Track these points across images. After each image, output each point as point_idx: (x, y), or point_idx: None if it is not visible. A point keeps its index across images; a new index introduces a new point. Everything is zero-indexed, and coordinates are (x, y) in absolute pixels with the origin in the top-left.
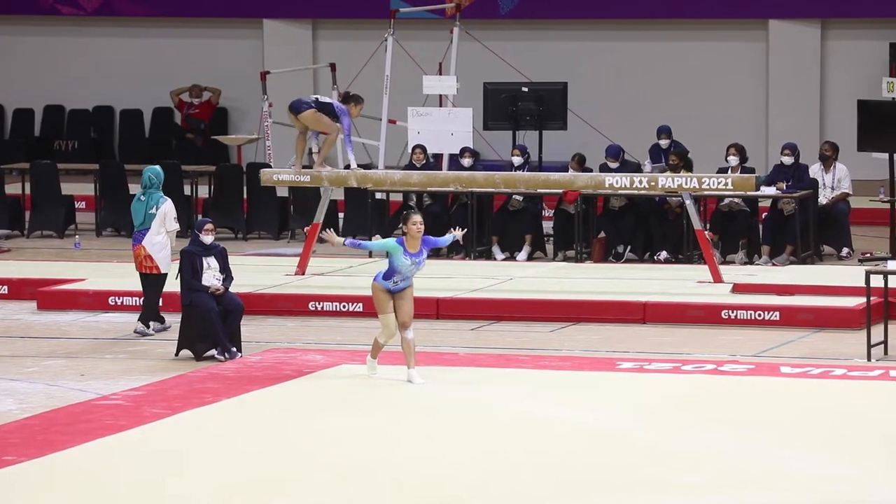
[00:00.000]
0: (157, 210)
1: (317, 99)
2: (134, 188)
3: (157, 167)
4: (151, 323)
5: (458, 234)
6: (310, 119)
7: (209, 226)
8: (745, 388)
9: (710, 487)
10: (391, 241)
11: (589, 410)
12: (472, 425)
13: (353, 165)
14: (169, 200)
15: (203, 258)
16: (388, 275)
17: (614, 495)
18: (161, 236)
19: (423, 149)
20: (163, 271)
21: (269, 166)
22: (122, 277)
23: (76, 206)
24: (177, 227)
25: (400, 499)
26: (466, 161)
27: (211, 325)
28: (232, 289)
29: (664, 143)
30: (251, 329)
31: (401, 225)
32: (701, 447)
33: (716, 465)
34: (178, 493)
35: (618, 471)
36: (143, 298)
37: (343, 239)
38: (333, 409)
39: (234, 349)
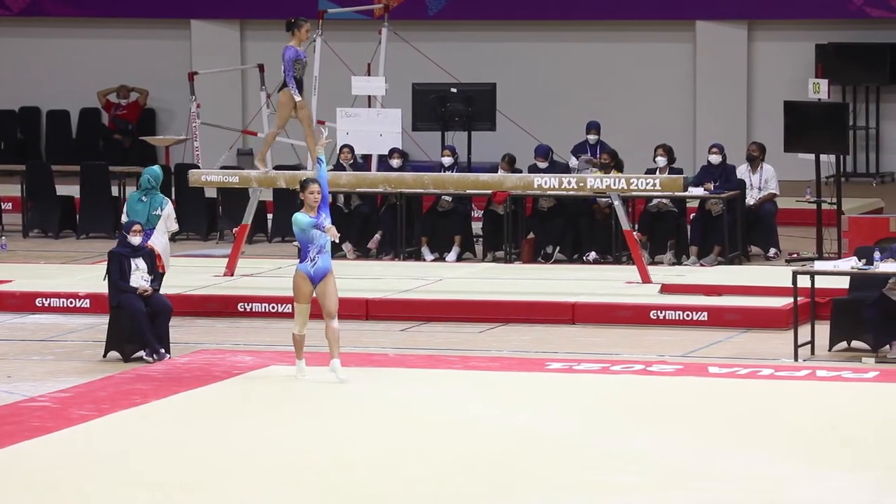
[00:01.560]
0: (160, 211)
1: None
2: (61, 189)
3: (156, 168)
4: None
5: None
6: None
7: (137, 227)
8: (673, 389)
9: (642, 487)
10: (297, 217)
11: (519, 411)
12: (403, 426)
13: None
14: (170, 202)
15: (131, 259)
16: (303, 255)
17: (546, 496)
18: (165, 237)
19: (351, 148)
20: (166, 269)
21: (198, 167)
22: (50, 279)
23: (2, 207)
24: (177, 227)
25: (330, 500)
26: (395, 162)
27: (139, 326)
28: (160, 290)
29: (592, 138)
30: (180, 330)
31: (299, 193)
32: (631, 447)
33: (646, 465)
34: (106, 495)
35: (549, 471)
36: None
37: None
38: (262, 410)
39: (163, 350)
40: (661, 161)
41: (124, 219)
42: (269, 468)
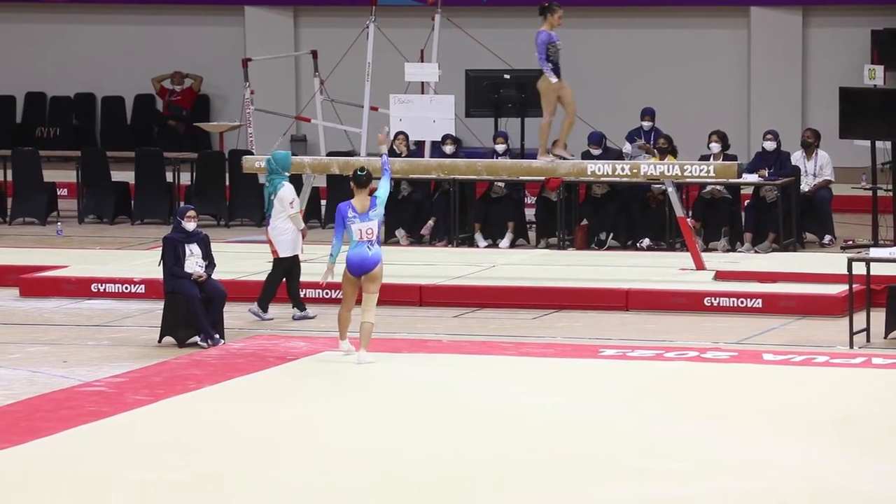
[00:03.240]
0: (275, 196)
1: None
2: (116, 175)
3: (280, 152)
4: (293, 310)
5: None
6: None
7: (191, 213)
8: (727, 376)
9: (694, 475)
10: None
11: (572, 398)
12: (456, 413)
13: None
14: (287, 185)
15: (185, 245)
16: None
17: (598, 483)
18: (281, 221)
19: (406, 136)
20: (280, 255)
21: (251, 153)
22: (105, 264)
23: (58, 193)
24: (294, 210)
25: (383, 487)
26: (448, 148)
27: (194, 311)
28: (214, 275)
29: (647, 125)
30: (234, 316)
31: (352, 185)
32: (684, 435)
33: (699, 452)
34: (160, 479)
35: (601, 459)
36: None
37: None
38: (316, 395)
39: (217, 336)
40: (716, 147)
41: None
42: (321, 454)
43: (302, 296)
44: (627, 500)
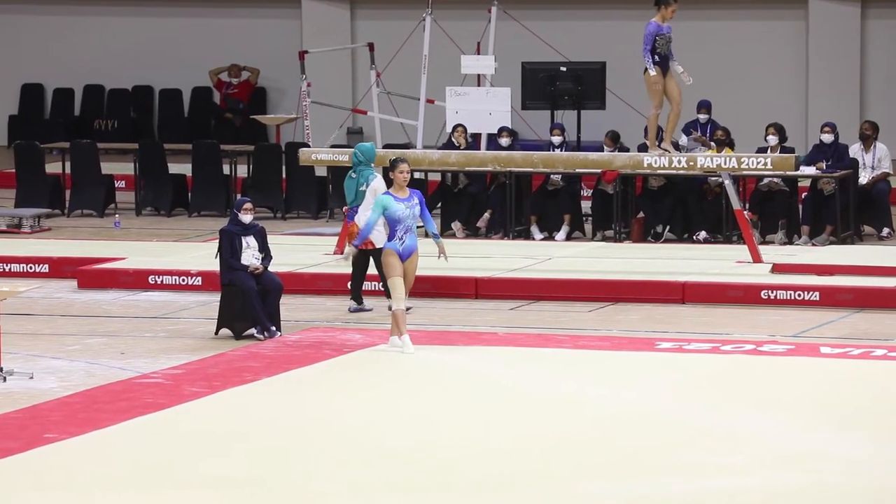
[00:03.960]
0: (367, 187)
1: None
2: (173, 167)
3: (367, 144)
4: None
5: (442, 247)
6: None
7: (248, 205)
8: (784, 369)
9: (748, 468)
10: (379, 197)
11: (627, 391)
12: (510, 406)
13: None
14: (379, 177)
15: (242, 237)
16: (391, 234)
17: (652, 477)
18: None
19: (464, 129)
20: (377, 246)
21: (308, 146)
22: (162, 257)
23: (116, 185)
24: None
25: (437, 480)
26: (504, 141)
27: (250, 304)
28: (271, 268)
29: (703, 117)
30: (290, 308)
31: (389, 173)
32: (739, 428)
33: (754, 446)
34: (217, 471)
35: (655, 452)
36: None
37: (350, 248)
38: (372, 388)
39: (274, 328)
40: (773, 140)
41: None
42: (377, 446)
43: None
44: (684, 493)
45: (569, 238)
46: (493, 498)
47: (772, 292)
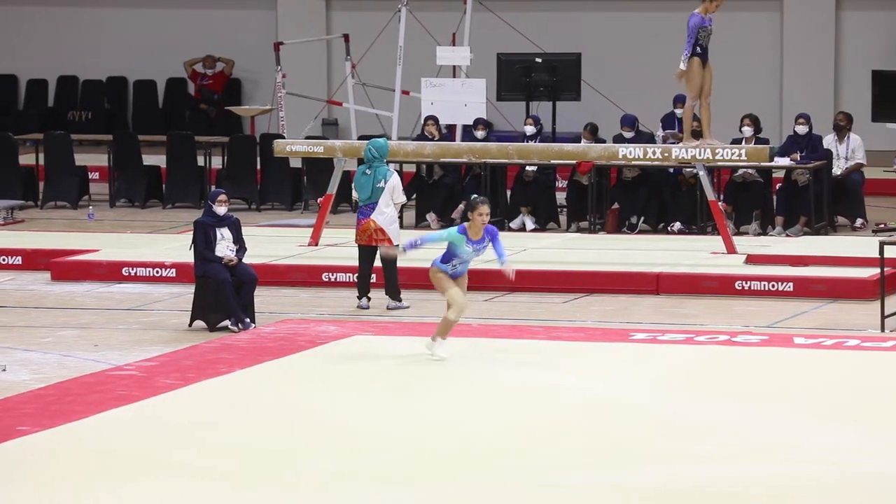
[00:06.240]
0: (384, 184)
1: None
2: (148, 159)
3: (381, 140)
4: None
5: (508, 272)
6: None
7: (222, 196)
8: (758, 359)
9: (722, 459)
10: (453, 230)
11: (602, 381)
12: (486, 397)
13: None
14: (396, 174)
15: (216, 229)
16: (446, 258)
17: (626, 466)
18: (390, 209)
19: (436, 120)
20: (394, 243)
21: (283, 137)
22: (136, 248)
23: (90, 176)
24: (404, 199)
25: (412, 471)
26: (480, 133)
27: (224, 295)
28: (245, 259)
29: (679, 111)
30: (264, 300)
31: (467, 212)
32: (713, 418)
33: (728, 436)
34: (191, 463)
35: (630, 442)
36: (384, 274)
37: (401, 246)
38: (346, 380)
39: (248, 320)
40: (748, 131)
41: (354, 195)
42: (351, 438)
43: (331, 279)
44: (657, 483)
45: (544, 229)
46: (469, 487)
47: (746, 283)
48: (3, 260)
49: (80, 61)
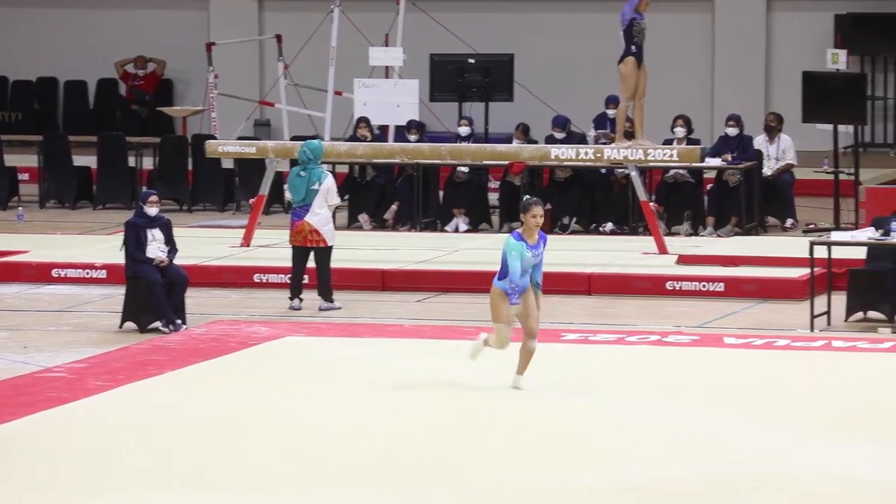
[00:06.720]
0: (319, 185)
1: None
2: (78, 159)
3: (315, 142)
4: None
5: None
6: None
7: (154, 197)
8: (689, 359)
9: (656, 459)
10: (512, 241)
11: (534, 382)
12: (417, 397)
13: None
14: (331, 175)
15: (147, 230)
16: (503, 274)
17: (562, 467)
18: (324, 210)
19: (368, 122)
20: (329, 244)
21: (215, 138)
22: (66, 249)
23: (19, 177)
24: (338, 201)
25: (343, 471)
26: (413, 137)
27: (155, 296)
28: (177, 260)
29: (611, 112)
30: (196, 301)
31: (521, 214)
32: (646, 418)
33: (661, 436)
34: (122, 465)
35: (563, 443)
36: (317, 275)
37: (511, 306)
38: (278, 381)
39: (179, 321)
40: (680, 132)
41: (287, 196)
42: (283, 438)
43: (263, 280)
44: (591, 484)
45: (476, 230)
46: (402, 487)
47: (677, 283)
48: None
49: (10, 62)
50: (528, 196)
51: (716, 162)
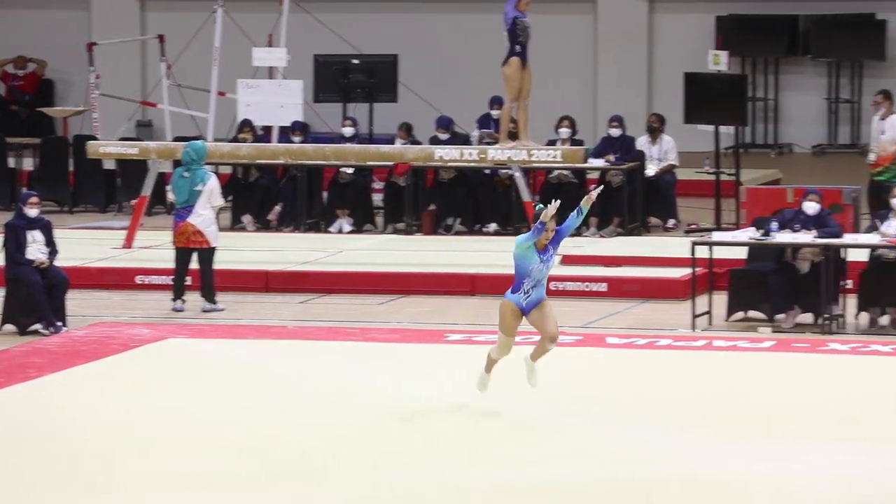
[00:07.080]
0: (202, 186)
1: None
2: None
3: (199, 142)
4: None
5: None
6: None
7: (34, 199)
8: (571, 359)
9: (541, 459)
10: (523, 241)
11: (419, 382)
12: (301, 399)
13: None
14: (214, 176)
15: (27, 231)
16: (516, 287)
17: (442, 467)
18: (207, 211)
19: (251, 125)
20: (212, 245)
21: (96, 138)
22: None
23: None
24: (222, 202)
25: (225, 472)
26: (297, 138)
27: (35, 298)
28: (57, 262)
29: (496, 113)
30: (77, 303)
31: (540, 220)
32: (526, 418)
33: (546, 436)
34: (5, 469)
35: (447, 442)
36: (200, 276)
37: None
38: (160, 383)
39: (59, 323)
40: (565, 132)
41: (170, 196)
42: (166, 441)
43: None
44: (473, 484)
45: (360, 231)
46: (295, 487)
47: (561, 283)
48: None
49: None
50: (540, 205)
51: (599, 163)
